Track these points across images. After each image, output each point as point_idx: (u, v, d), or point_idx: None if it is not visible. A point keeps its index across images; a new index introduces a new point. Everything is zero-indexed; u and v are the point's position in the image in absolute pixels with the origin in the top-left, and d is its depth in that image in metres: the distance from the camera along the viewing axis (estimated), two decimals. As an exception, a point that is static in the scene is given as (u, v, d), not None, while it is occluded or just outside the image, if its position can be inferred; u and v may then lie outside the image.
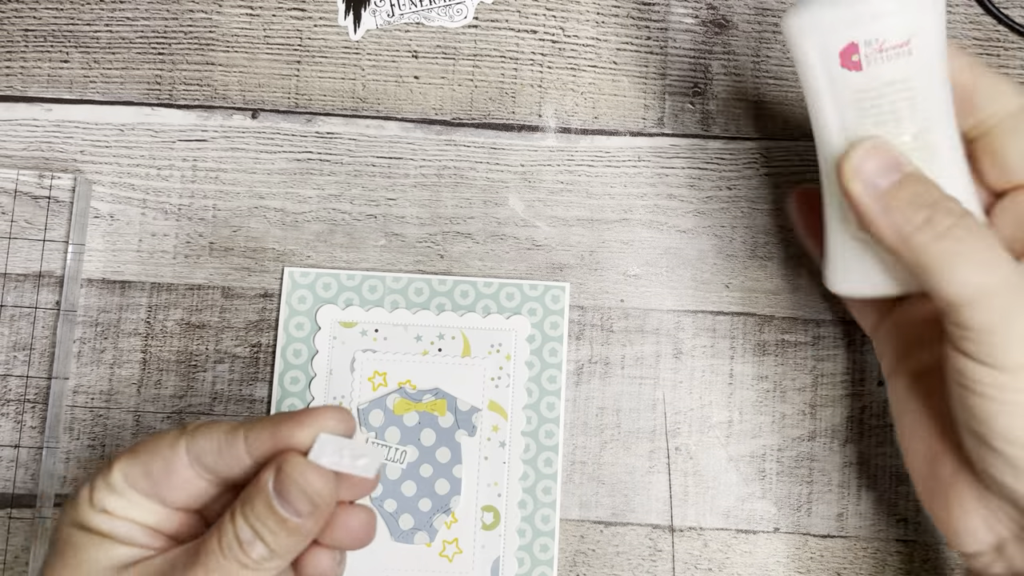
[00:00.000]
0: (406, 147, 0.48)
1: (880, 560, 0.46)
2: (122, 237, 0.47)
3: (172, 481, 0.32)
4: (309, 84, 0.48)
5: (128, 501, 0.33)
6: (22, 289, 0.46)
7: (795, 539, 0.46)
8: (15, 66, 0.48)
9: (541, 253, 0.47)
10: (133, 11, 0.48)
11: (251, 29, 0.48)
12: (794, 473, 0.46)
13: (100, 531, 0.32)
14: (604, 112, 0.48)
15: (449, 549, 0.45)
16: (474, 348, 0.46)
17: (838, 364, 0.47)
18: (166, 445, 0.32)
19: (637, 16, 0.49)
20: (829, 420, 0.46)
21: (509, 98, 0.48)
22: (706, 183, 0.48)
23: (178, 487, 0.33)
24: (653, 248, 0.47)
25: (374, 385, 0.45)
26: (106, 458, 0.37)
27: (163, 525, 0.33)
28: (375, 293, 0.46)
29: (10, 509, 0.44)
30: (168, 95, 0.48)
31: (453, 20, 0.49)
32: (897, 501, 0.46)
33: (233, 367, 0.46)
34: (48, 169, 0.47)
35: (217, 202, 0.47)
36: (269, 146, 0.47)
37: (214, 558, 0.31)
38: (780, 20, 0.47)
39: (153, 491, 0.33)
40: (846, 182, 0.34)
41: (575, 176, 0.48)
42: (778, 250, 0.48)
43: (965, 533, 0.35)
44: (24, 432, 0.45)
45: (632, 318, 0.47)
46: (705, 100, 0.49)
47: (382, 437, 0.45)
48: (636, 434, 0.46)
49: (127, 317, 0.46)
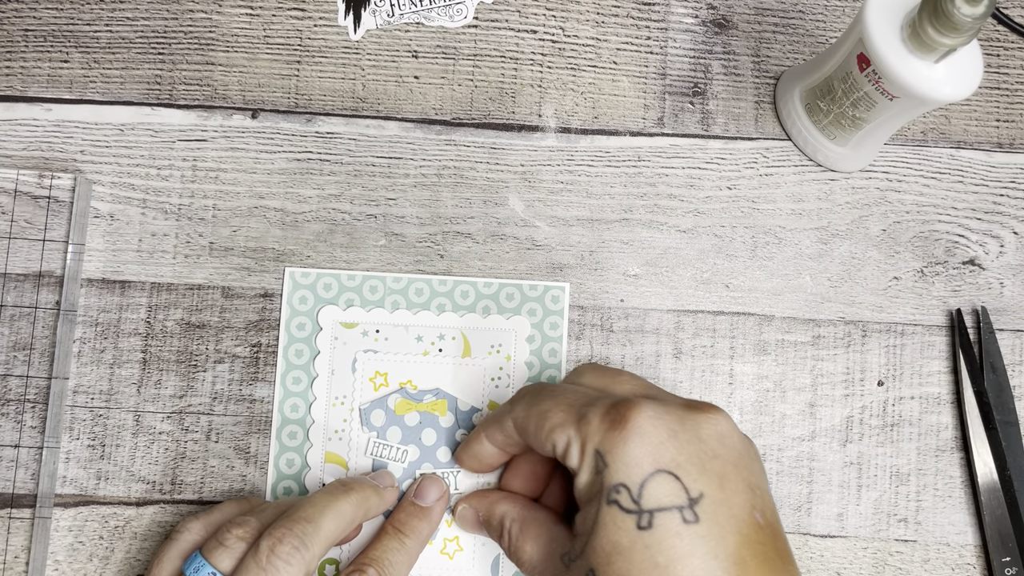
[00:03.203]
0: (406, 147, 0.48)
1: (880, 560, 0.46)
2: (122, 237, 0.47)
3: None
4: (309, 84, 0.48)
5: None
6: (22, 289, 0.46)
7: (795, 539, 0.46)
8: (15, 66, 0.48)
9: (541, 253, 0.47)
10: (133, 11, 0.48)
11: (251, 29, 0.48)
12: (794, 473, 0.46)
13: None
14: (604, 112, 0.48)
15: (450, 547, 0.45)
16: (474, 348, 0.46)
17: (838, 364, 0.47)
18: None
19: (637, 16, 0.49)
20: (829, 420, 0.47)
21: (509, 98, 0.48)
22: (706, 183, 0.48)
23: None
24: (653, 248, 0.47)
25: (375, 385, 0.45)
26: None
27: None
28: (376, 293, 0.46)
29: (10, 509, 0.44)
30: (168, 95, 0.48)
31: (453, 20, 0.49)
32: (897, 501, 0.46)
33: (233, 367, 0.46)
34: (48, 169, 0.47)
35: (217, 202, 0.47)
36: (269, 146, 0.47)
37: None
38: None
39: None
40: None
41: (575, 176, 0.48)
42: (778, 250, 0.48)
43: None
44: (24, 432, 0.45)
45: (632, 318, 0.47)
46: (705, 100, 0.49)
47: (383, 437, 0.45)
48: (636, 434, 0.46)
49: (127, 317, 0.46)
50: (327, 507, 0.39)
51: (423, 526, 0.43)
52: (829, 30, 0.50)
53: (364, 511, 0.41)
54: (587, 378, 0.41)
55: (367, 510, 0.41)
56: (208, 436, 0.45)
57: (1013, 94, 0.49)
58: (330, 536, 0.39)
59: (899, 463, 0.46)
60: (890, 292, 0.47)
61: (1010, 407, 0.46)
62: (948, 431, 0.47)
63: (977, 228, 0.48)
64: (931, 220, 0.48)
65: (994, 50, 0.50)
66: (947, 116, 0.49)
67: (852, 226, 0.48)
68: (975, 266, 0.48)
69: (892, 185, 0.48)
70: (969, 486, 0.46)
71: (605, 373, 0.41)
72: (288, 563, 0.37)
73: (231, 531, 0.38)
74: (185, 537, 0.40)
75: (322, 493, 0.40)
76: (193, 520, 0.41)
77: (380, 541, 0.42)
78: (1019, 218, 0.48)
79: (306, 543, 0.37)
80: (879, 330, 0.47)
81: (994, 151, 0.49)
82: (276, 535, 0.37)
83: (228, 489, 0.45)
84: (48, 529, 0.44)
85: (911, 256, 0.48)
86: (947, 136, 0.49)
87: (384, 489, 0.43)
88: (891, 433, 0.46)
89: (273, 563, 0.36)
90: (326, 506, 0.39)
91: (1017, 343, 0.47)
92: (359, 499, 0.41)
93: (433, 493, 0.44)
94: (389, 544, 0.42)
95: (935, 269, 0.48)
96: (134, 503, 0.45)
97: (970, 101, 0.49)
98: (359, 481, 0.42)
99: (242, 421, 0.45)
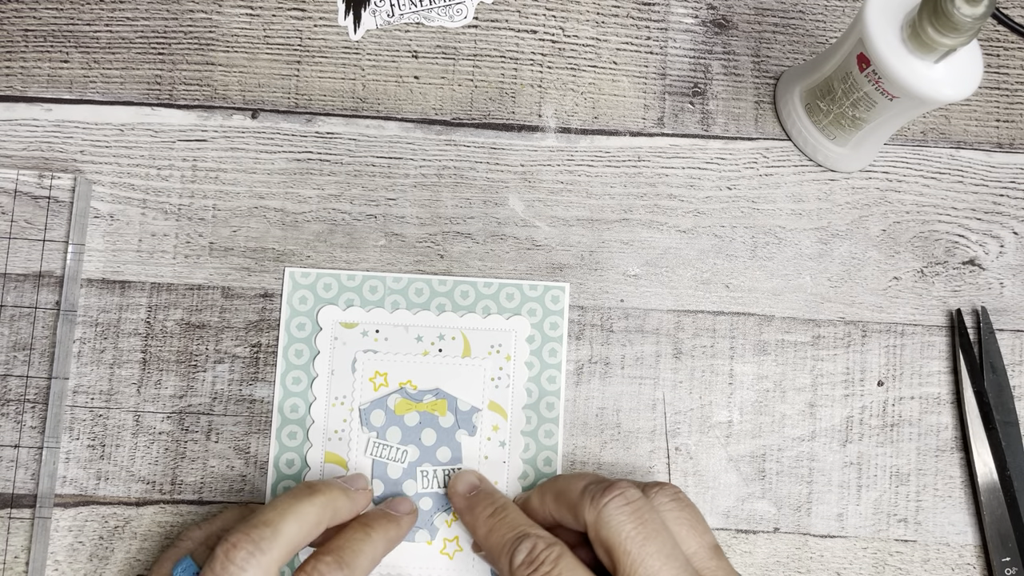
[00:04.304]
0: (406, 147, 0.48)
1: (880, 560, 0.46)
2: (122, 237, 0.47)
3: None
4: (309, 84, 0.48)
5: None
6: (22, 289, 0.46)
7: (795, 539, 0.46)
8: (15, 66, 0.48)
9: (541, 253, 0.47)
10: (133, 11, 0.48)
11: (251, 29, 0.48)
12: (794, 473, 0.46)
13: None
14: (604, 112, 0.48)
15: (450, 547, 0.45)
16: (474, 348, 0.46)
17: (838, 364, 0.47)
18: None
19: (637, 16, 0.49)
20: (829, 420, 0.47)
21: (509, 98, 0.48)
22: (706, 183, 0.48)
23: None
24: (653, 248, 0.47)
25: (375, 385, 0.45)
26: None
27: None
28: (376, 294, 0.46)
29: (10, 509, 0.44)
30: (168, 95, 0.48)
31: (453, 20, 0.49)
32: (897, 501, 0.46)
33: (233, 367, 0.46)
34: (48, 169, 0.47)
35: (217, 202, 0.47)
36: (269, 146, 0.47)
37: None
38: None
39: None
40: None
41: (575, 176, 0.48)
42: (778, 250, 0.48)
43: None
44: (24, 432, 0.45)
45: (632, 318, 0.47)
46: (705, 100, 0.49)
47: (383, 437, 0.45)
48: (636, 434, 0.46)
49: (127, 317, 0.46)
50: (288, 510, 0.38)
51: (391, 527, 0.42)
52: (829, 30, 0.50)
53: (331, 513, 0.40)
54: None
55: (334, 512, 0.40)
56: (208, 436, 0.45)
57: (1013, 94, 0.49)
58: (292, 540, 0.38)
59: (899, 463, 0.46)
60: (890, 292, 0.47)
61: (1010, 407, 0.46)
62: (948, 431, 0.47)
63: (977, 228, 0.48)
64: (931, 220, 0.48)
65: (994, 50, 0.50)
66: (947, 116, 0.49)
67: (852, 226, 0.48)
68: (975, 266, 0.48)
69: (892, 185, 0.48)
70: (969, 486, 0.46)
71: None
72: (243, 569, 0.36)
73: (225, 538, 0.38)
74: (185, 545, 0.41)
75: (285, 496, 0.39)
76: (195, 529, 0.41)
77: (344, 532, 0.41)
78: (1019, 218, 0.48)
79: (262, 548, 0.36)
80: (879, 330, 0.47)
81: (994, 151, 0.49)
82: (231, 540, 0.36)
83: (228, 489, 0.45)
84: (48, 529, 0.45)
85: (911, 256, 0.48)
86: (947, 136, 0.49)
87: (355, 491, 0.42)
88: (891, 433, 0.46)
89: (228, 569, 0.36)
90: (286, 509, 0.38)
91: (1017, 343, 0.47)
92: (324, 501, 0.40)
93: (404, 508, 0.43)
94: (353, 535, 0.40)
95: (935, 269, 0.48)
96: (134, 503, 0.45)
97: (970, 101, 0.49)
98: (327, 483, 0.41)
99: (242, 421, 0.45)
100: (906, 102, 0.40)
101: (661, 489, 0.39)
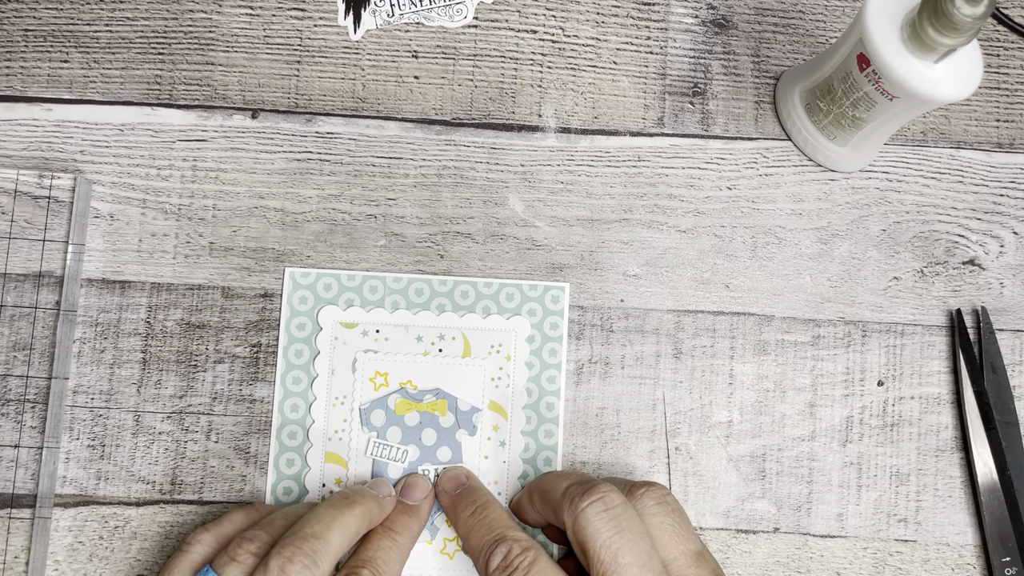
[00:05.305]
0: (406, 147, 0.48)
1: (880, 560, 0.46)
2: (122, 237, 0.47)
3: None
4: (309, 84, 0.48)
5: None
6: (22, 289, 0.46)
7: (795, 539, 0.46)
8: (15, 66, 0.48)
9: (541, 253, 0.47)
10: (133, 11, 0.48)
11: (251, 29, 0.48)
12: (794, 473, 0.46)
13: None
14: (604, 112, 0.48)
15: (450, 547, 0.45)
16: (474, 348, 0.46)
17: (838, 364, 0.47)
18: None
19: (637, 16, 0.49)
20: (829, 420, 0.47)
21: (509, 98, 0.48)
22: (706, 183, 0.48)
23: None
24: (653, 248, 0.47)
25: (375, 385, 0.45)
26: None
27: None
28: (376, 294, 0.46)
29: (10, 509, 0.44)
30: (168, 95, 0.48)
31: (453, 20, 0.49)
32: (897, 501, 0.46)
33: (233, 367, 0.46)
34: (48, 169, 0.47)
35: (217, 202, 0.47)
36: (269, 146, 0.47)
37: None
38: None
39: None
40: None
41: (575, 176, 0.48)
42: (778, 250, 0.48)
43: None
44: (24, 432, 0.45)
45: (632, 318, 0.47)
46: (705, 100, 0.49)
47: (384, 437, 0.45)
48: (636, 434, 0.46)
49: (127, 317, 0.46)
50: (334, 521, 0.39)
51: (412, 523, 0.43)
52: (829, 30, 0.50)
53: (367, 523, 0.41)
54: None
55: (370, 522, 0.41)
56: (208, 436, 0.45)
57: (1013, 94, 0.49)
58: (338, 551, 0.38)
59: (899, 463, 0.46)
60: (890, 292, 0.47)
61: (1010, 407, 0.46)
62: (948, 431, 0.47)
63: (977, 228, 0.48)
64: (931, 220, 0.48)
65: (994, 50, 0.50)
66: (947, 116, 0.49)
67: (852, 226, 0.48)
68: (975, 266, 0.48)
69: (892, 185, 0.48)
70: (969, 486, 0.46)
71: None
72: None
73: (242, 546, 0.38)
74: (196, 549, 0.40)
75: (327, 507, 0.40)
76: (203, 532, 0.41)
77: (372, 541, 0.42)
78: (1019, 218, 0.48)
79: (316, 561, 0.37)
80: (879, 330, 0.47)
81: (994, 151, 0.49)
82: (286, 554, 0.37)
83: (228, 489, 0.45)
84: (48, 529, 0.44)
85: (911, 256, 0.48)
86: (947, 136, 0.49)
87: (383, 499, 0.42)
88: (891, 433, 0.46)
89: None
90: (332, 520, 0.39)
91: (1017, 343, 0.47)
92: (363, 511, 0.40)
93: (419, 492, 0.44)
94: (381, 543, 0.41)
95: (935, 269, 0.48)
96: (134, 503, 0.45)
97: (970, 101, 0.49)
98: (361, 492, 0.42)
99: (242, 421, 0.45)
100: (906, 102, 0.40)
101: (648, 490, 0.39)
